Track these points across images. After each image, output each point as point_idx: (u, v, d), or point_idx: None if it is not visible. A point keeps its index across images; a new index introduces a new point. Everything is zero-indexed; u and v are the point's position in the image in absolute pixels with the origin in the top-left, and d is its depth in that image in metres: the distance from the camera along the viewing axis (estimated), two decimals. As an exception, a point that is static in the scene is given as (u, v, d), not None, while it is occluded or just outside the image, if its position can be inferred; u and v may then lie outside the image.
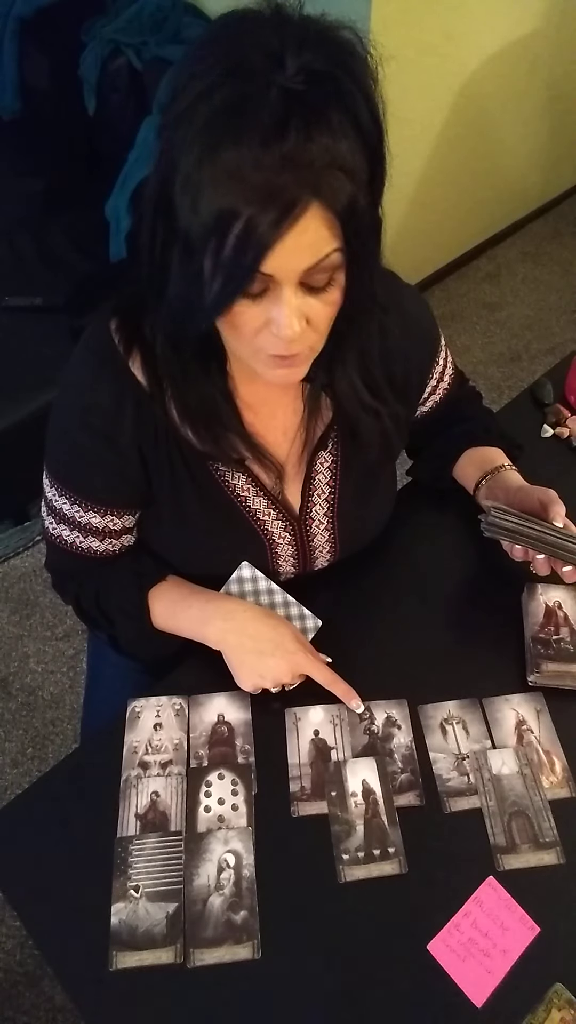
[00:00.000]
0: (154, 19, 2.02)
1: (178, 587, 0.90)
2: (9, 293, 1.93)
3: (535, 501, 0.88)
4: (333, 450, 0.88)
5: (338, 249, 0.60)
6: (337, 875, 0.76)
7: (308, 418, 0.85)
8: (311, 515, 0.91)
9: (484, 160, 2.55)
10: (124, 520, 0.88)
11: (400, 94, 2.13)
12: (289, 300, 0.61)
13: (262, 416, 0.84)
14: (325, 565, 0.97)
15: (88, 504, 0.85)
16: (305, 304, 0.63)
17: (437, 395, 1.00)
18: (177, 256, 0.63)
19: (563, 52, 2.51)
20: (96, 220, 2.05)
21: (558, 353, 2.55)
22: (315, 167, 0.55)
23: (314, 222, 0.57)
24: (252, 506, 0.87)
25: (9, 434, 1.68)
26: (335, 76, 0.56)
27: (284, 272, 0.60)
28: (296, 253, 0.58)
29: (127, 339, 0.76)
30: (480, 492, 0.99)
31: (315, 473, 0.89)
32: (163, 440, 0.81)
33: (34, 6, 2.08)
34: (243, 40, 0.57)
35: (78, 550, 0.89)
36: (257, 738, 0.85)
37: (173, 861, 0.76)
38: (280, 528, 0.90)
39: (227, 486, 0.86)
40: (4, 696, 1.78)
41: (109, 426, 0.78)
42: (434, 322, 0.96)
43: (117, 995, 0.70)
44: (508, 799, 0.80)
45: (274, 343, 0.65)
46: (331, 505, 0.91)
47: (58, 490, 0.85)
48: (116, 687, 1.05)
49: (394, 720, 0.86)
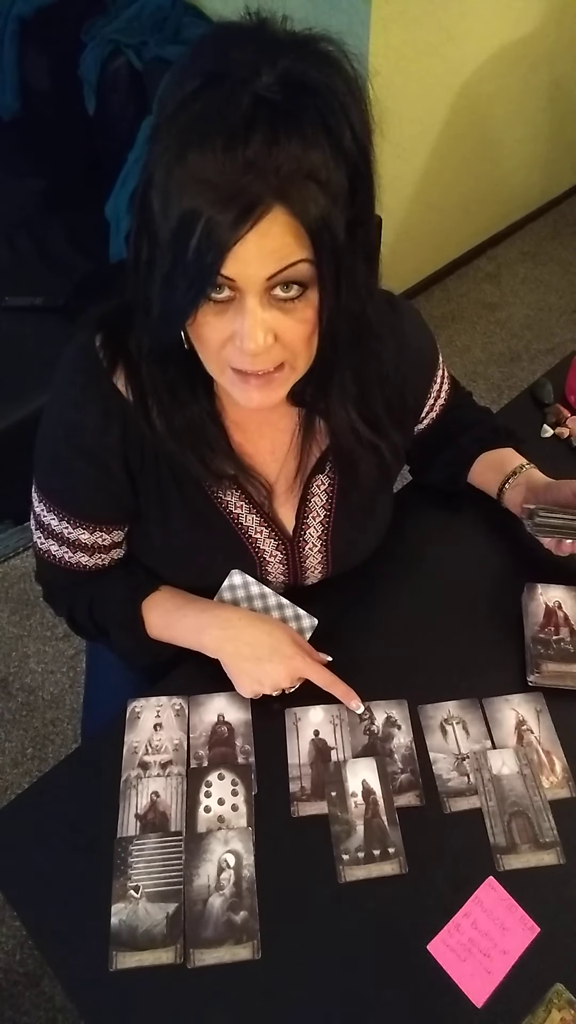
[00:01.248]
0: (154, 19, 2.02)
1: (172, 597, 0.90)
2: (9, 293, 1.93)
3: (567, 494, 0.90)
4: (330, 474, 0.88)
5: (306, 260, 0.58)
6: (337, 875, 0.76)
7: (302, 442, 0.84)
8: (305, 537, 0.90)
9: (484, 160, 2.55)
10: (113, 535, 0.88)
11: (400, 93, 2.14)
12: (253, 310, 0.60)
13: (250, 436, 0.84)
14: (315, 582, 0.96)
15: (77, 521, 0.84)
16: (273, 319, 0.61)
17: (434, 412, 1.00)
18: (155, 262, 0.62)
19: (563, 52, 2.51)
20: (96, 220, 2.05)
21: (558, 353, 2.55)
22: (280, 172, 0.54)
23: (277, 227, 0.56)
24: (244, 523, 0.87)
25: (9, 434, 1.68)
26: (313, 88, 0.55)
27: (246, 278, 0.58)
28: (258, 258, 0.57)
29: (112, 355, 0.76)
30: (506, 496, 0.99)
31: (311, 496, 0.88)
32: (150, 456, 0.80)
33: (34, 6, 2.08)
34: (225, 52, 0.57)
35: (67, 565, 0.89)
36: (257, 738, 0.85)
37: (173, 861, 0.76)
38: (272, 547, 0.89)
39: (220, 502, 0.85)
40: (4, 696, 1.78)
41: (96, 444, 0.78)
42: (434, 343, 0.95)
43: (117, 995, 0.70)
44: (508, 799, 0.80)
45: (239, 357, 0.64)
46: (326, 528, 0.90)
47: (46, 505, 0.85)
48: (116, 687, 1.05)
49: (394, 720, 0.86)
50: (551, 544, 0.92)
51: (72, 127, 2.15)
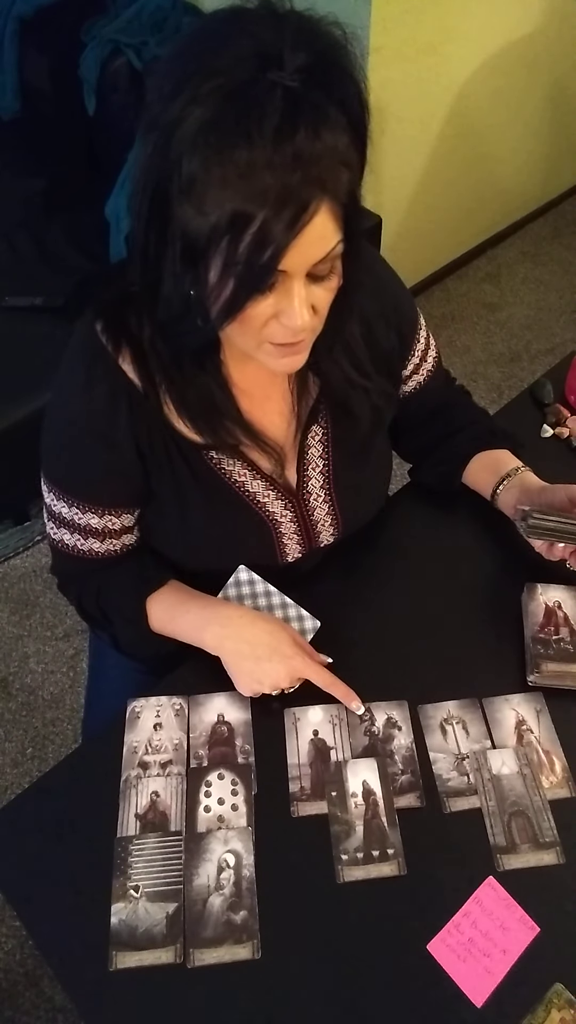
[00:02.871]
0: (154, 19, 2.02)
1: (176, 592, 0.91)
2: (9, 293, 1.93)
3: (563, 498, 0.90)
4: (323, 423, 0.89)
5: (341, 240, 0.62)
6: (336, 875, 0.76)
7: (297, 397, 0.86)
8: (308, 489, 0.91)
9: (484, 160, 2.55)
10: (123, 519, 0.88)
11: (400, 93, 2.14)
12: (299, 292, 0.64)
13: (257, 400, 0.85)
14: (331, 541, 0.97)
15: (86, 506, 0.85)
16: (310, 293, 0.65)
17: (421, 375, 1.01)
18: (175, 257, 0.63)
19: (563, 52, 2.51)
20: (96, 220, 2.05)
21: (558, 353, 2.55)
22: (322, 164, 0.56)
23: (320, 217, 0.59)
24: (251, 490, 0.88)
25: (9, 434, 1.68)
26: (329, 72, 0.57)
27: (296, 267, 0.62)
28: (308, 249, 0.60)
29: (115, 338, 0.77)
30: (500, 497, 0.99)
31: (308, 448, 0.90)
32: (158, 435, 0.82)
33: (34, 6, 2.08)
34: (238, 38, 0.57)
35: (80, 553, 0.89)
36: (257, 738, 0.85)
37: (173, 861, 0.76)
38: (280, 507, 0.90)
39: (224, 473, 0.86)
40: (4, 696, 1.78)
41: (105, 427, 0.79)
42: (407, 291, 0.97)
43: (117, 995, 0.70)
44: (508, 799, 0.80)
45: (282, 333, 0.67)
46: (327, 477, 0.92)
47: (56, 494, 0.86)
48: (116, 687, 1.05)
49: (394, 721, 0.86)
50: (542, 547, 0.92)
51: (72, 127, 2.15)
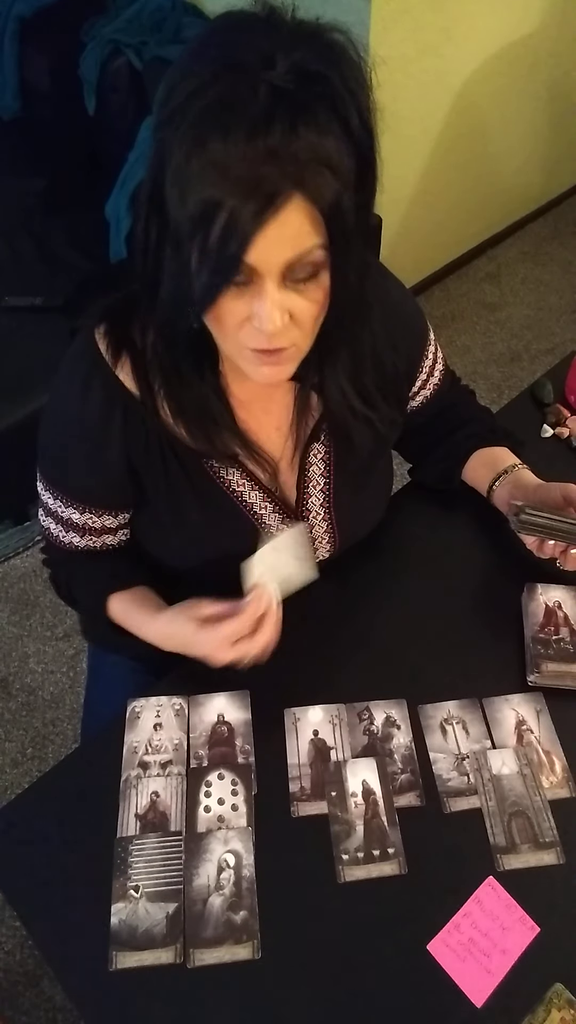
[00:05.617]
0: (154, 19, 2.02)
1: (134, 599, 0.90)
2: (9, 293, 1.93)
3: (557, 496, 0.90)
4: (326, 441, 0.89)
5: (321, 246, 0.61)
6: (337, 875, 0.76)
7: (298, 416, 0.86)
8: (307, 507, 0.91)
9: (484, 160, 2.55)
10: (104, 520, 0.89)
11: (400, 93, 2.14)
12: (271, 293, 0.62)
13: (255, 413, 0.85)
14: (326, 556, 0.97)
15: (67, 500, 0.87)
16: (288, 299, 0.64)
17: (428, 390, 1.00)
18: (168, 251, 0.64)
19: (563, 52, 2.51)
20: (96, 220, 2.05)
21: (558, 353, 2.55)
22: (299, 160, 0.56)
23: (296, 215, 0.58)
24: (248, 500, 0.88)
25: (9, 434, 1.68)
26: (325, 76, 0.57)
27: (266, 264, 0.60)
28: (278, 245, 0.59)
29: (115, 345, 0.78)
30: (496, 493, 0.99)
31: (309, 465, 0.90)
32: (155, 444, 0.82)
33: (34, 6, 2.08)
34: (237, 41, 0.58)
35: (59, 543, 0.92)
36: (257, 738, 0.85)
37: (173, 861, 0.76)
38: (277, 521, 0.90)
39: (223, 482, 0.86)
40: (4, 696, 1.78)
41: (97, 436, 0.80)
42: (420, 311, 0.97)
43: (117, 995, 0.70)
44: (508, 799, 0.80)
45: (256, 337, 0.66)
46: (327, 496, 0.91)
47: (43, 485, 0.89)
48: (116, 687, 1.05)
49: (394, 720, 0.86)
50: (533, 544, 0.91)
51: (72, 127, 2.15)
